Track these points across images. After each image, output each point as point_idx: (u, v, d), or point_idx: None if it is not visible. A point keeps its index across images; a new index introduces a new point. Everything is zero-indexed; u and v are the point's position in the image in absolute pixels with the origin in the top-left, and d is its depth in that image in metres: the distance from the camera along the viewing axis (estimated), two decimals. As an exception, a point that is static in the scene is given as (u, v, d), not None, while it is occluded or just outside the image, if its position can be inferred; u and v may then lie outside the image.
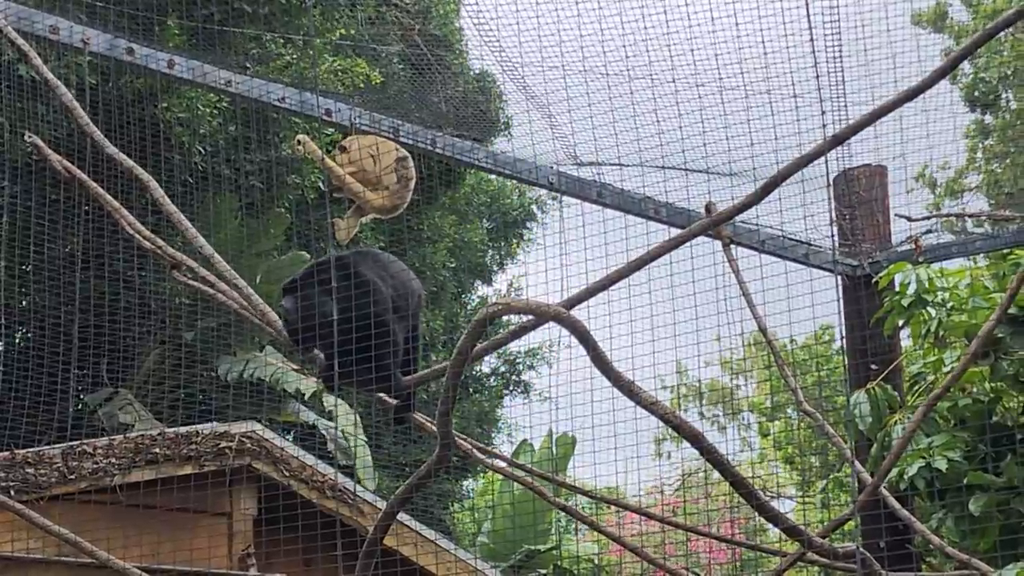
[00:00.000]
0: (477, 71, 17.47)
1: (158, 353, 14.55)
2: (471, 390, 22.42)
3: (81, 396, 13.70)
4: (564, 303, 4.71)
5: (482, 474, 22.80)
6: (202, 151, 13.48)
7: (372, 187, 7.70)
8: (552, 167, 9.38)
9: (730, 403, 26.39)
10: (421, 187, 7.59)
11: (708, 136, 8.73)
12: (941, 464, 8.64)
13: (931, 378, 9.30)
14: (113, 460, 8.07)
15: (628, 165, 9.35)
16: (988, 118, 23.55)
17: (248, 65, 13.85)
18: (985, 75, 22.74)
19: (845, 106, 8.56)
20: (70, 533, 5.88)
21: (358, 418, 14.97)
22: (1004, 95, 22.98)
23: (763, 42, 8.39)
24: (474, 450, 7.09)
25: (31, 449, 7.96)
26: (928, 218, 10.13)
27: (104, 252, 11.75)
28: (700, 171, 9.30)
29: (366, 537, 5.56)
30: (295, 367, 14.95)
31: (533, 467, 18.31)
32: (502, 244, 23.85)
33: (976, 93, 22.96)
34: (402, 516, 8.71)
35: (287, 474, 8.71)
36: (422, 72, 11.49)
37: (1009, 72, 22.12)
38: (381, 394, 6.56)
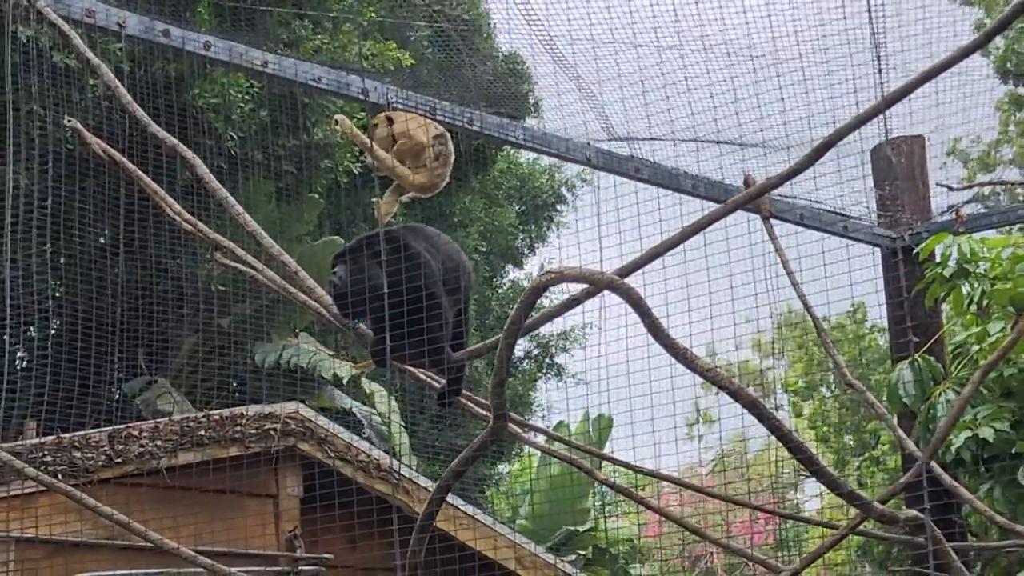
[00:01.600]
0: (506, 53, 17.38)
1: (194, 340, 14.53)
2: (505, 374, 22.26)
3: (119, 384, 13.69)
4: (618, 271, 4.66)
5: (517, 458, 22.80)
6: (234, 137, 13.44)
7: (410, 165, 7.65)
8: (588, 143, 9.33)
9: (761, 384, 26.33)
10: (452, 171, 7.56)
11: (741, 105, 8.70)
12: (987, 434, 8.60)
13: (975, 349, 9.22)
14: (159, 443, 8.07)
15: (662, 139, 9.30)
16: (1021, 90, 23.41)
17: (278, 51, 13.85)
18: (1017, 46, 22.57)
19: (886, 72, 8.49)
20: (121, 515, 5.86)
21: (395, 403, 14.96)
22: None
23: (796, 10, 8.36)
24: (516, 427, 7.05)
25: (78, 433, 7.96)
26: (969, 187, 10.07)
27: (139, 240, 11.74)
28: (734, 143, 9.25)
29: (413, 516, 5.52)
30: (331, 352, 14.95)
31: (569, 454, 18.38)
32: (533, 227, 23.75)
33: (1009, 65, 22.78)
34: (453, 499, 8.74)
35: (332, 455, 8.69)
36: (451, 55, 11.44)
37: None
38: (429, 376, 6.54)
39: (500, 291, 22.99)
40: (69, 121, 7.08)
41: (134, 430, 8.12)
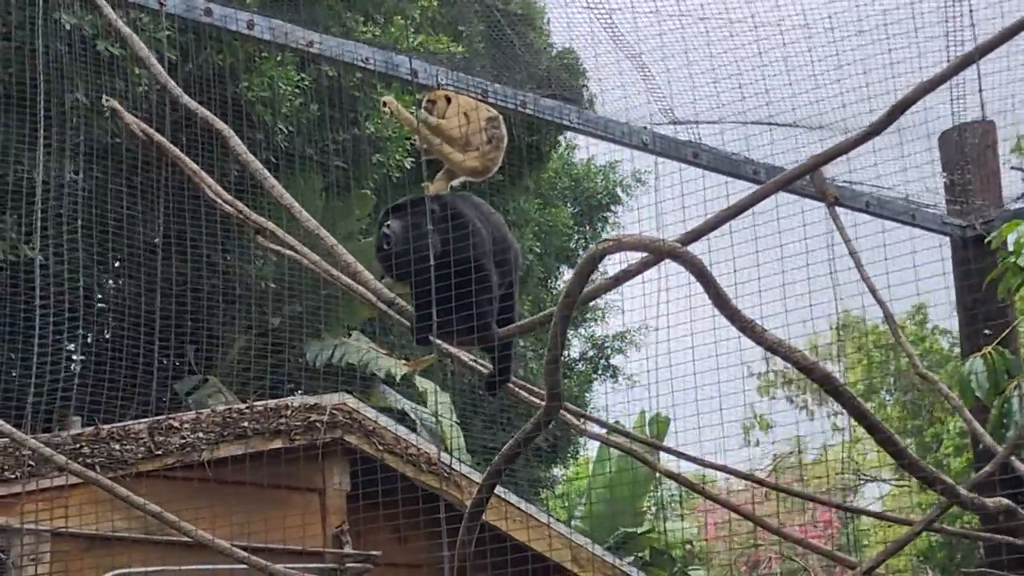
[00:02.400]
0: (560, 48, 17.12)
1: (245, 339, 14.34)
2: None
3: (171, 384, 13.51)
4: (680, 238, 4.35)
5: (573, 460, 22.50)
6: (284, 130, 13.22)
7: (462, 148, 7.38)
8: (645, 127, 9.03)
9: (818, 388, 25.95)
10: (505, 169, 7.26)
11: (797, 87, 8.38)
12: None
13: None
14: (201, 435, 7.80)
15: (723, 122, 8.99)
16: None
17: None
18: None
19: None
20: (153, 506, 5.58)
21: (448, 400, 14.73)
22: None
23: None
24: (571, 417, 6.75)
25: (117, 424, 7.70)
26: None
27: (189, 236, 11.55)
28: (788, 125, 8.93)
29: (463, 512, 5.21)
30: (384, 351, 14.74)
31: (629, 445, 18.07)
32: (587, 228, 23.50)
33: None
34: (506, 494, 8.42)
35: (380, 448, 8.39)
36: (504, 50, 11.20)
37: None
38: (476, 361, 6.24)
39: (555, 292, 22.71)
40: (107, 102, 6.83)
41: (175, 421, 7.85)
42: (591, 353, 23.93)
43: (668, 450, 7.04)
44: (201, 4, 7.39)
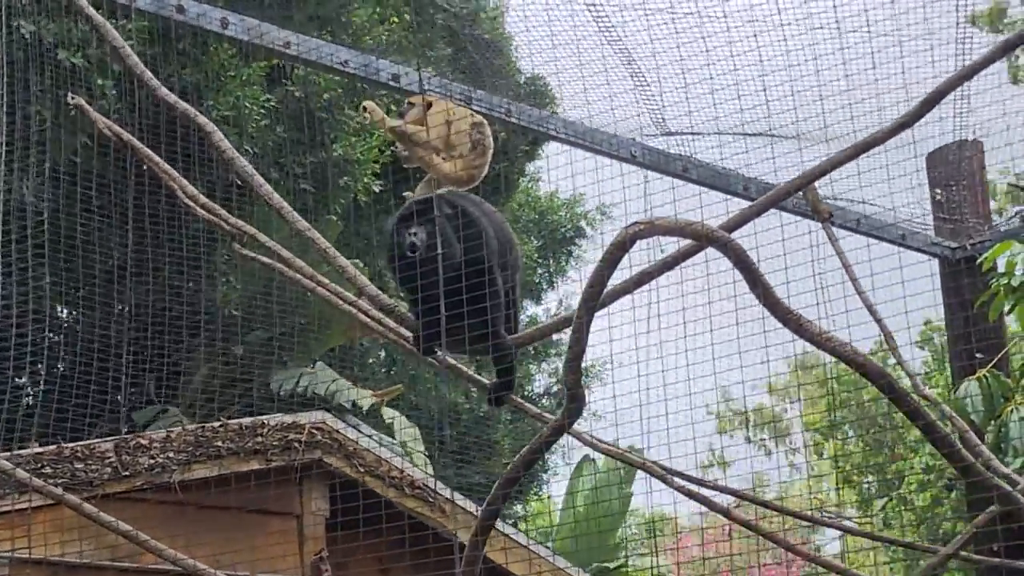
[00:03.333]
0: (529, 75, 16.86)
1: (208, 368, 13.92)
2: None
3: (128, 414, 13.08)
4: (723, 225, 4.00)
5: (536, 497, 22.13)
6: (249, 151, 12.83)
7: (444, 154, 7.04)
8: (634, 139, 8.72)
9: (775, 425, 25.97)
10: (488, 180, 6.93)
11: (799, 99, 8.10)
12: None
13: None
14: (171, 455, 7.35)
15: (714, 134, 8.69)
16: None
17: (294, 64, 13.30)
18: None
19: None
20: (136, 531, 5.14)
21: (417, 433, 14.36)
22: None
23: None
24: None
25: (81, 443, 7.25)
26: None
27: (150, 260, 11.14)
28: (791, 137, 8.64)
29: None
30: (350, 381, 14.37)
31: (598, 484, 17.73)
32: (551, 262, 23.22)
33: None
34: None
35: (362, 470, 7.95)
36: (472, 76, 10.95)
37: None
38: (471, 369, 5.87)
39: (520, 325, 22.37)
40: (73, 99, 6.43)
41: (144, 440, 7.41)
42: (555, 388, 23.64)
43: (681, 475, 6.62)
44: (173, 1, 7.00)
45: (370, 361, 18.05)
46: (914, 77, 8.06)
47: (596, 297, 3.81)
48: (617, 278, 4.23)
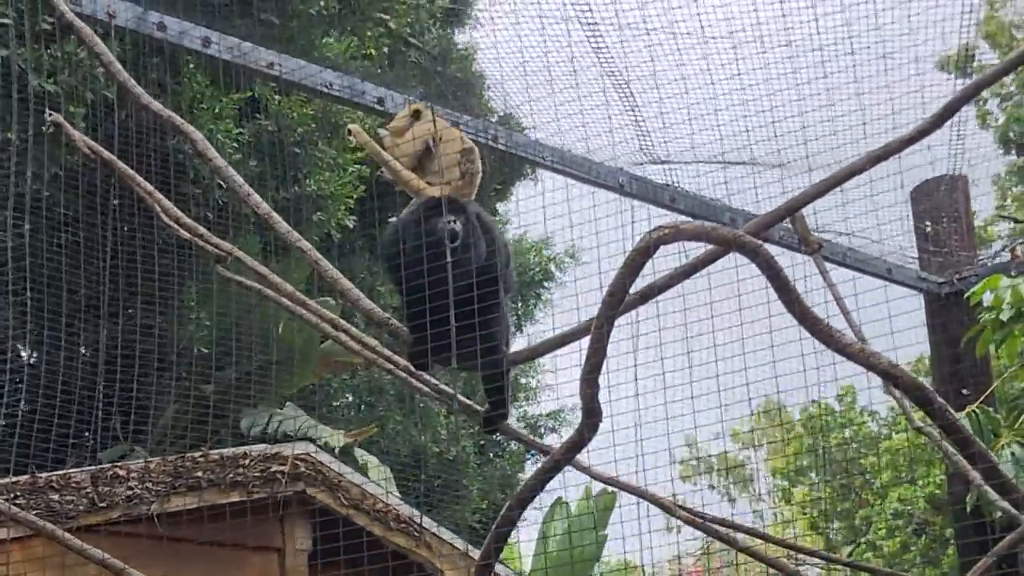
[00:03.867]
0: (502, 113, 16.72)
1: (177, 407, 13.65)
2: (492, 455, 21.61)
3: (94, 454, 12.77)
4: (747, 228, 3.82)
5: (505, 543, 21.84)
6: (222, 186, 12.61)
7: (431, 180, 6.83)
8: (622, 168, 8.57)
9: (742, 472, 25.88)
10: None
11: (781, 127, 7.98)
12: None
13: None
14: (150, 486, 7.09)
15: (702, 161, 8.54)
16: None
17: (271, 99, 13.11)
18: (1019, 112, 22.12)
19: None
20: (117, 561, 4.89)
21: (389, 473, 14.10)
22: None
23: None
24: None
25: (56, 472, 6.97)
26: None
27: (121, 297, 10.90)
28: (774, 165, 8.50)
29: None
30: (318, 421, 14.13)
31: (571, 527, 17.47)
32: (520, 305, 23.03)
33: (1011, 135, 22.32)
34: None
35: (346, 503, 7.69)
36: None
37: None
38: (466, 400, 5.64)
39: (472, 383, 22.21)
40: (51, 115, 6.21)
41: (121, 470, 7.14)
42: (523, 432, 23.37)
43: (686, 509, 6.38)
44: (154, 18, 6.79)
45: (336, 404, 17.79)
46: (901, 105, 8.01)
47: (617, 306, 3.61)
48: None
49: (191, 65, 11.59)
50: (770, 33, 7.57)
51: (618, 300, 3.61)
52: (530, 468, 22.85)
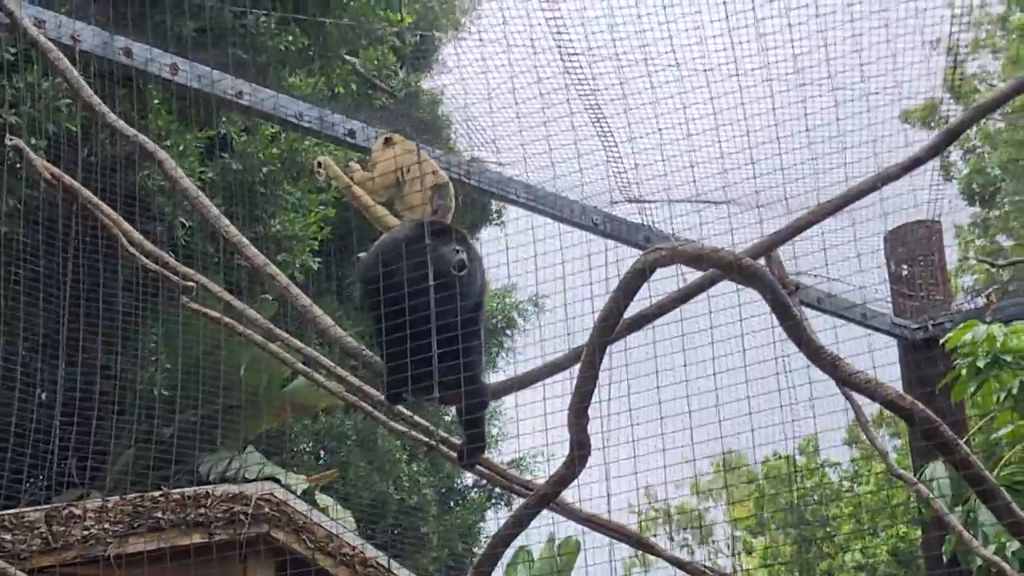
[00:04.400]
0: (468, 158, 16.60)
1: (134, 450, 13.38)
2: (451, 503, 21.40)
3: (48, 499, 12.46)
4: (747, 252, 3.66)
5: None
6: (184, 224, 12.39)
7: (402, 211, 6.67)
8: (596, 207, 8.42)
9: (701, 524, 25.81)
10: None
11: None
12: None
13: (1017, 447, 8.44)
14: (107, 526, 6.82)
15: (679, 201, 8.39)
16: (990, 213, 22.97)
17: (236, 136, 12.92)
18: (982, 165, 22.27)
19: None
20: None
21: (351, 518, 13.87)
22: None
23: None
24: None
25: (9, 511, 6.70)
26: (1014, 263, 9.30)
27: (78, 337, 10.63)
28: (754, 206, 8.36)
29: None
30: (280, 467, 13.90)
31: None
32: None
33: (974, 186, 22.41)
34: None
35: (311, 545, 7.44)
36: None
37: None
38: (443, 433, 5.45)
39: (449, 417, 21.97)
40: (11, 140, 5.99)
41: (77, 509, 6.88)
42: (484, 481, 23.17)
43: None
44: (121, 43, 6.59)
45: (296, 449, 17.55)
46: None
47: (610, 331, 3.43)
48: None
49: (156, 100, 11.40)
50: (748, 70, 7.47)
51: (611, 325, 3.44)
52: (492, 517, 22.65)
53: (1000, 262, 9.37)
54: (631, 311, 3.96)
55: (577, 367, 3.62)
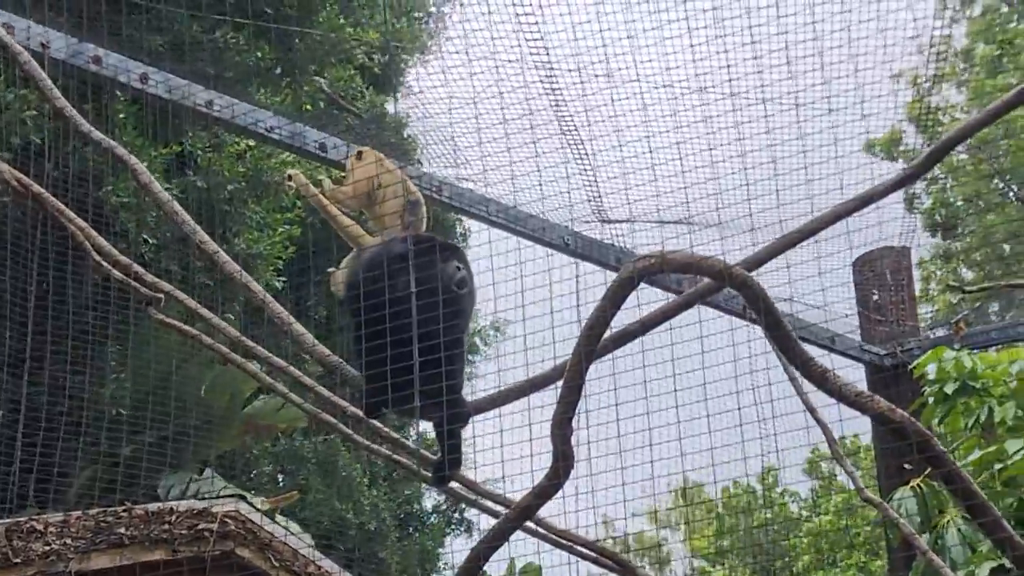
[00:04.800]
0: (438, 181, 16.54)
1: (92, 470, 13.20)
2: (411, 528, 21.30)
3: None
4: (741, 263, 3.61)
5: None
6: (148, 241, 12.26)
7: (372, 228, 6.62)
8: (567, 226, 8.36)
9: (658, 552, 25.76)
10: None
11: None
12: None
13: (984, 475, 8.40)
14: (68, 541, 6.68)
15: (646, 221, 8.33)
16: (952, 244, 23.06)
17: (202, 152, 12.82)
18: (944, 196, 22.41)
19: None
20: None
21: (309, 539, 13.72)
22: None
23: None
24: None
25: (-33, 527, 6.57)
26: (983, 289, 9.30)
27: (37, 354, 10.48)
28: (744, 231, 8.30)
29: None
30: (240, 489, 13.75)
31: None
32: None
33: (937, 217, 22.51)
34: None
35: (276, 564, 7.31)
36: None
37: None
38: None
39: (411, 440, 21.85)
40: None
41: (38, 524, 6.73)
42: (444, 506, 23.12)
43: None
44: (90, 50, 6.48)
45: (254, 473, 17.40)
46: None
47: (596, 341, 3.36)
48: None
49: (122, 115, 11.28)
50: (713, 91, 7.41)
51: (597, 335, 3.37)
52: (451, 543, 22.53)
53: (972, 288, 9.35)
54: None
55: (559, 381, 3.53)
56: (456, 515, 22.86)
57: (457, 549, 22.94)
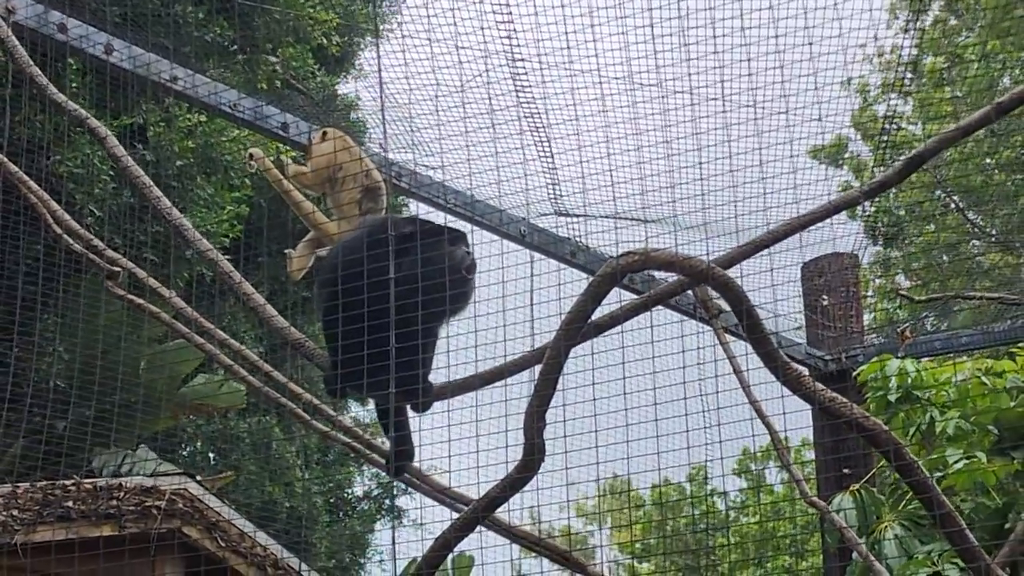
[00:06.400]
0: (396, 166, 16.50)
1: (23, 444, 13.02)
2: (342, 513, 21.22)
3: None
4: (716, 261, 3.62)
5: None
6: (95, 213, 12.11)
7: (332, 210, 6.58)
8: (524, 218, 8.35)
9: (584, 550, 25.66)
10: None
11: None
12: (952, 573, 7.74)
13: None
14: (15, 513, 6.59)
15: (605, 217, 8.33)
16: (892, 252, 23.18)
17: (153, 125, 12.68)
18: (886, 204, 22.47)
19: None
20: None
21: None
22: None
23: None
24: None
25: (-89, 495, 6.46)
26: (931, 300, 9.38)
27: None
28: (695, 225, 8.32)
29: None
30: (174, 467, 13.62)
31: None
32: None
33: (879, 225, 22.60)
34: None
35: (223, 544, 7.24)
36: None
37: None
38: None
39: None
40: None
41: (-16, 495, 6.64)
42: (376, 492, 23.04)
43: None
44: (56, 18, 6.41)
45: (186, 452, 17.27)
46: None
47: (575, 335, 3.36)
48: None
49: (75, 86, 11.13)
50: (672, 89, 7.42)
51: (576, 329, 3.37)
52: (380, 528, 22.43)
53: (920, 298, 9.43)
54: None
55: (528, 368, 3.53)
56: (387, 502, 22.82)
57: (393, 539, 22.84)
